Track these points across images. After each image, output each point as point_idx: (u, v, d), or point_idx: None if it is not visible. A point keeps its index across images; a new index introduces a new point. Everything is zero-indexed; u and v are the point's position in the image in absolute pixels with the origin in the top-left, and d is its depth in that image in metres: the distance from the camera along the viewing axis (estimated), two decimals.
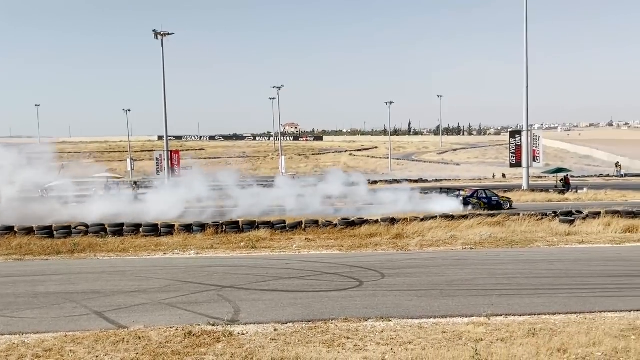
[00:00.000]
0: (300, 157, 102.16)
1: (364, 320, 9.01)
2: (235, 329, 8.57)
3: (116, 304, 10.30)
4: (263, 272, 13.44)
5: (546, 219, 20.63)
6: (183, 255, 16.64)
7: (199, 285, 11.81)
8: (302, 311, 9.58)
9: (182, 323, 8.78)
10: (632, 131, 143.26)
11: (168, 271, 13.67)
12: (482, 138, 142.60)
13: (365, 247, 17.39)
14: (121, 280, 12.62)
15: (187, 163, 68.98)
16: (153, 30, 46.18)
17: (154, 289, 11.61)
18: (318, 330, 8.44)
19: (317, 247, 17.55)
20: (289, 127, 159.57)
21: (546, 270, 13.13)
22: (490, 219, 20.51)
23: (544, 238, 18.30)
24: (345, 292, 11.08)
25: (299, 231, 19.81)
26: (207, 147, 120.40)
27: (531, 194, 37.79)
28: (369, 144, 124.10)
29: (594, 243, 17.62)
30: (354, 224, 20.22)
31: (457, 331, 8.30)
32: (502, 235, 18.55)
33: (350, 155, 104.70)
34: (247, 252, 16.94)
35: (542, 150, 43.90)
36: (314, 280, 12.35)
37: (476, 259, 14.98)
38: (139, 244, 18.04)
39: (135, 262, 15.46)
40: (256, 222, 20.17)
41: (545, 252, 16.23)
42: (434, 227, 19.54)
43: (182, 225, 19.77)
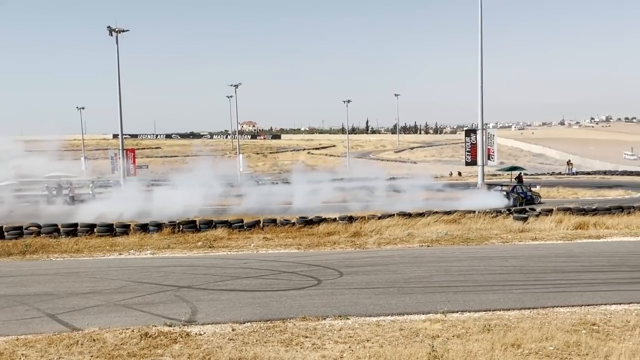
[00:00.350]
0: (258, 156, 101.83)
1: (322, 318, 9.02)
2: (192, 329, 8.47)
3: (70, 306, 10.07)
4: (220, 271, 13.34)
5: (500, 217, 21.06)
6: (139, 255, 16.39)
7: (155, 286, 11.65)
8: (260, 310, 9.54)
9: (138, 324, 8.63)
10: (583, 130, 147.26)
11: (123, 272, 13.44)
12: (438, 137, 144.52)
13: (324, 245, 17.43)
14: (75, 281, 12.35)
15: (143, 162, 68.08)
16: (107, 27, 45.30)
17: (109, 290, 11.40)
18: (276, 330, 8.42)
19: (275, 246, 17.51)
20: (247, 125, 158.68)
21: (500, 267, 13.39)
22: (446, 216, 20.82)
23: (498, 235, 18.66)
24: (303, 291, 11.08)
25: (257, 230, 19.74)
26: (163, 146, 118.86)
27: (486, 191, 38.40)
28: (327, 142, 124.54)
29: (546, 240, 18.04)
30: (312, 222, 20.26)
31: (414, 328, 8.39)
32: (458, 232, 18.85)
33: (308, 154, 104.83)
34: (204, 251, 16.79)
35: (496, 148, 44.63)
36: (272, 280, 12.31)
37: (433, 256, 15.19)
38: (93, 245, 17.70)
39: (89, 263, 15.16)
40: (213, 221, 20.03)
41: (499, 249, 16.55)
42: (391, 225, 19.73)
43: (138, 225, 19.50)
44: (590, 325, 8.41)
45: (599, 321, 8.62)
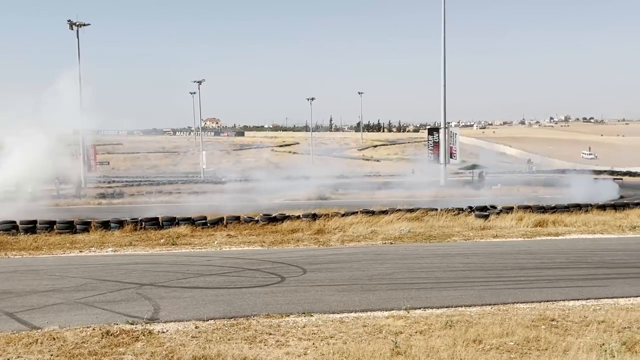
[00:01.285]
0: (221, 153, 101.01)
1: (286, 315, 9.04)
2: (155, 327, 8.39)
3: (29, 304, 9.87)
4: (183, 269, 13.23)
5: (462, 214, 21.33)
6: (100, 252, 16.13)
7: (116, 284, 11.49)
8: (223, 308, 9.50)
9: (100, 322, 8.51)
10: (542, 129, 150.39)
11: (84, 269, 13.22)
12: (401, 135, 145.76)
13: (287, 242, 17.43)
14: (34, 279, 12.09)
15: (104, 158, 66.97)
16: (68, 21, 44.62)
17: (70, 288, 11.20)
18: (240, 327, 8.40)
19: (239, 243, 17.43)
20: (210, 122, 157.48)
21: (462, 264, 13.59)
22: (409, 214, 21.00)
23: (460, 232, 18.92)
24: (267, 288, 11.07)
25: (221, 227, 19.60)
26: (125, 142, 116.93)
27: (448, 189, 38.97)
28: (290, 140, 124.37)
29: (507, 237, 18.37)
30: (275, 219, 20.21)
31: (377, 325, 8.46)
32: (420, 230, 19.04)
33: (272, 151, 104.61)
34: (167, 249, 16.62)
35: (458, 147, 45.36)
36: (236, 277, 12.27)
37: (396, 253, 15.32)
38: (53, 242, 17.33)
39: (49, 261, 14.85)
40: (176, 219, 19.79)
41: (461, 246, 16.78)
42: (354, 222, 19.80)
43: (99, 222, 19.16)
44: (549, 320, 8.60)
45: (558, 317, 8.82)
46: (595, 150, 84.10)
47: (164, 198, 36.53)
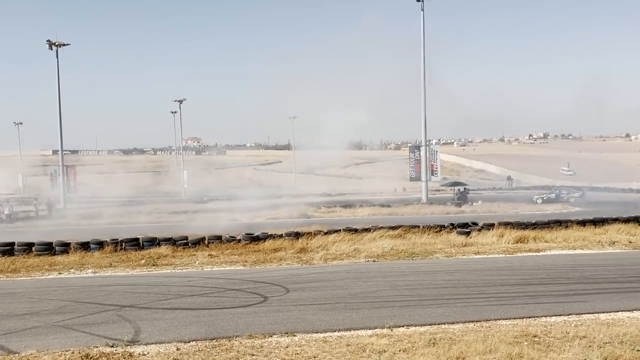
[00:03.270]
0: (203, 172, 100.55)
1: (269, 336, 8.95)
2: (135, 349, 8.27)
3: (6, 328, 9.68)
4: (164, 290, 13.07)
5: (444, 231, 21.42)
6: (79, 274, 15.91)
7: (96, 306, 11.32)
8: (205, 329, 9.39)
9: (79, 345, 8.37)
10: (522, 146, 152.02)
11: (63, 291, 13.02)
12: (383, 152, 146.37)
13: (270, 262, 17.33)
14: (11, 302, 11.88)
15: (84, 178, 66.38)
16: (47, 41, 44.44)
17: (48, 310, 11.01)
18: (222, 348, 8.30)
19: (221, 263, 17.30)
20: (192, 141, 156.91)
21: (445, 281, 13.60)
22: (391, 231, 21.02)
23: (442, 249, 18.96)
24: (249, 308, 10.98)
25: (202, 247, 19.46)
26: (105, 162, 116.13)
27: (430, 206, 39.19)
28: (273, 158, 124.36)
29: (488, 253, 18.44)
30: (258, 238, 20.11)
31: (360, 343, 8.41)
32: (403, 247, 19.05)
33: (254, 170, 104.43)
34: (147, 269, 16.44)
35: (439, 164, 45.74)
36: (218, 297, 12.16)
37: (379, 271, 15.29)
38: (31, 264, 17.07)
39: (27, 283, 14.62)
40: (157, 239, 19.63)
41: (444, 263, 16.81)
42: (337, 240, 19.78)
43: (79, 243, 18.93)
44: (531, 337, 8.62)
45: (540, 333, 8.84)
46: (574, 167, 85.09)
47: (145, 218, 36.28)
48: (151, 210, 41.66)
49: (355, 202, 42.57)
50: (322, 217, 35.44)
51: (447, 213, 35.59)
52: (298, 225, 25.50)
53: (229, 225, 30.69)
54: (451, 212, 35.98)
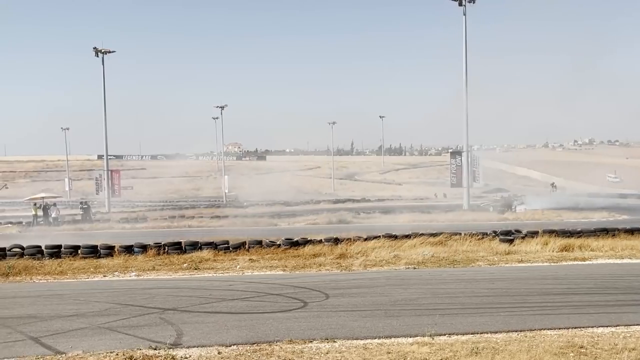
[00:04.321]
0: (243, 177, 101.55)
1: (309, 341, 8.95)
2: (177, 352, 8.36)
3: (53, 329, 9.91)
4: (206, 293, 13.21)
5: (487, 239, 21.09)
6: (123, 277, 16.22)
7: (140, 308, 11.51)
8: (246, 333, 9.44)
9: (123, 348, 8.51)
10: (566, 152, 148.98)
11: (108, 294, 13.28)
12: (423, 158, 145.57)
13: (309, 267, 17.37)
14: (59, 304, 12.17)
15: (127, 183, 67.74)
16: (94, 48, 45.60)
17: (93, 312, 11.24)
18: (263, 353, 8.34)
19: (261, 267, 17.41)
20: (232, 146, 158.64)
21: (487, 289, 13.39)
22: (432, 238, 20.82)
23: (484, 257, 18.69)
24: (289, 313, 11.00)
25: (243, 251, 19.62)
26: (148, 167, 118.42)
27: (472, 213, 38.69)
28: (312, 163, 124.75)
29: (532, 262, 18.10)
30: (297, 244, 20.17)
31: (401, 351, 8.33)
32: (444, 254, 18.84)
33: (293, 175, 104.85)
34: (189, 273, 16.66)
35: (481, 170, 45.13)
36: (258, 302, 12.22)
37: (419, 278, 15.16)
38: (77, 266, 17.49)
39: (73, 285, 14.97)
40: (199, 243, 19.87)
41: (486, 271, 16.56)
42: (377, 246, 19.67)
43: (123, 247, 19.31)
44: (578, 348, 8.41)
45: (587, 344, 8.62)
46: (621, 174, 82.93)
47: (187, 222, 36.78)
48: (193, 215, 42.21)
49: (395, 208, 42.36)
50: (361, 223, 35.37)
51: (489, 220, 35.05)
52: (337, 231, 25.49)
53: (268, 230, 30.91)
54: (493, 219, 35.42)
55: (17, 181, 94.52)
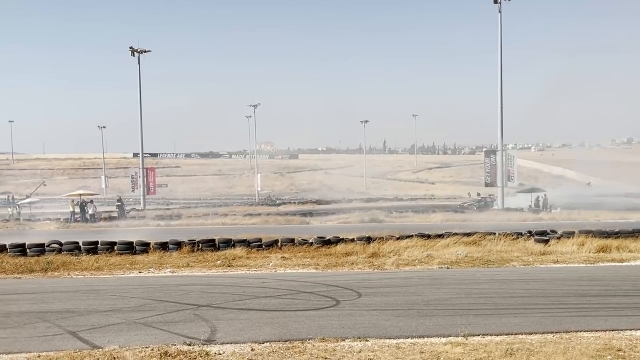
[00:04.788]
0: (275, 175, 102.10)
1: (341, 340, 8.95)
2: (211, 348, 8.45)
3: (90, 323, 10.11)
4: (239, 290, 13.32)
5: (521, 239, 20.81)
6: (158, 273, 16.45)
7: (174, 304, 11.66)
8: (279, 330, 9.49)
9: (158, 343, 8.64)
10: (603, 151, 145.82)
11: (143, 290, 13.49)
12: (456, 157, 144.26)
13: (342, 265, 17.37)
14: (95, 299, 12.41)
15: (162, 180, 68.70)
16: (130, 47, 46.27)
17: (129, 308, 11.44)
18: (295, 350, 8.37)
19: (293, 265, 17.48)
20: (265, 145, 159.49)
21: (522, 290, 13.22)
22: (466, 238, 20.63)
23: (519, 257, 18.45)
24: (322, 312, 11.02)
25: (275, 249, 19.72)
26: (182, 165, 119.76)
27: (506, 213, 38.24)
28: (344, 162, 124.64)
29: (568, 262, 17.81)
30: (329, 242, 20.18)
31: (435, 351, 8.29)
32: (478, 254, 18.66)
33: (325, 174, 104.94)
34: (223, 270, 16.82)
35: (516, 169, 44.52)
36: (291, 299, 12.27)
37: (453, 278, 15.04)
38: (113, 262, 17.80)
39: (109, 281, 15.24)
40: (232, 240, 20.04)
41: (520, 271, 16.35)
42: (410, 246, 19.58)
43: (158, 243, 19.59)
44: (615, 351, 8.25)
45: (625, 347, 8.45)
46: None
47: (220, 220, 37.14)
48: (226, 212, 42.59)
49: (428, 207, 42.10)
50: (393, 222, 35.26)
51: (524, 220, 34.62)
52: (369, 229, 25.45)
53: (301, 228, 31.02)
54: (528, 219, 34.96)
55: (55, 178, 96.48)
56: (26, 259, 17.92)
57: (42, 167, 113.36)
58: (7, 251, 18.61)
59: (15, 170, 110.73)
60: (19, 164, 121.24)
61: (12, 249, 18.70)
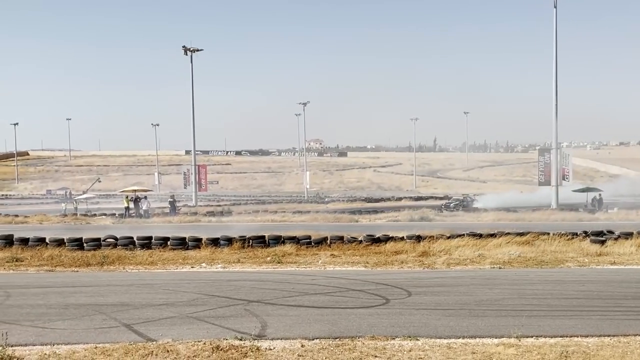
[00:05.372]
0: (324, 173, 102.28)
1: (391, 338, 8.90)
2: (262, 344, 8.53)
3: (145, 316, 10.35)
4: (289, 287, 13.42)
5: (576, 239, 20.29)
6: (210, 269, 16.72)
7: (225, 299, 11.83)
8: (328, 328, 9.51)
9: (210, 337, 8.77)
10: None
11: (195, 284, 13.73)
12: (509, 155, 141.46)
13: (391, 264, 17.28)
14: (149, 293, 12.70)
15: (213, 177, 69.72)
16: (183, 47, 47.08)
17: (182, 302, 11.65)
18: (345, 348, 8.36)
19: (342, 263, 17.49)
20: (314, 143, 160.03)
21: (577, 292, 12.90)
22: (519, 237, 20.25)
23: (574, 258, 18.00)
24: (371, 310, 10.99)
25: (324, 247, 19.77)
26: (233, 162, 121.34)
27: (560, 212, 37.34)
28: (393, 160, 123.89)
29: (626, 264, 17.26)
30: (379, 240, 20.11)
31: (487, 352, 8.16)
32: (531, 254, 18.28)
33: (374, 172, 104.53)
34: (272, 266, 16.96)
35: (571, 168, 43.41)
36: (340, 297, 12.28)
37: (505, 278, 14.78)
38: (166, 257, 18.18)
39: (162, 275, 15.57)
40: (282, 237, 20.18)
41: (576, 272, 15.94)
42: (461, 245, 19.33)
43: (209, 239, 19.89)
44: None
45: None
46: None
47: (270, 217, 37.43)
48: (275, 209, 42.91)
49: (479, 206, 41.47)
50: (444, 220, 34.86)
51: (579, 220, 33.72)
52: (419, 228, 25.25)
53: (349, 226, 31.01)
54: (584, 219, 34.04)
55: (110, 175, 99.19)
56: (83, 253, 18.49)
57: (97, 163, 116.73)
58: (66, 245, 19.23)
59: (72, 167, 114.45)
60: (76, 160, 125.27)
61: (70, 243, 19.31)
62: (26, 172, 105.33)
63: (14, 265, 17.24)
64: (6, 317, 10.31)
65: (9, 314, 10.60)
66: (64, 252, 18.54)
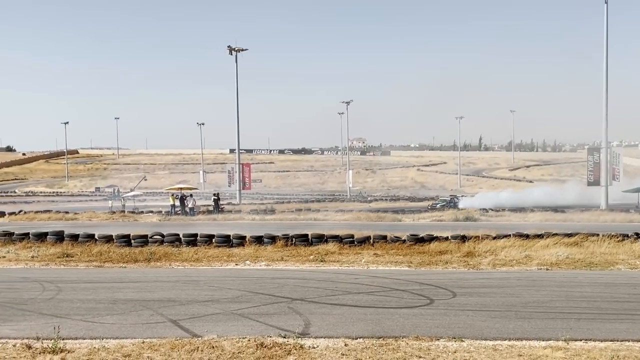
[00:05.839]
0: (367, 172, 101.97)
1: (436, 339, 8.82)
2: (305, 342, 8.56)
3: (190, 312, 10.51)
4: (332, 286, 13.43)
5: (627, 241, 19.70)
6: (254, 266, 16.86)
7: (269, 297, 11.91)
8: (372, 327, 9.48)
9: (254, 334, 8.85)
10: None
11: (240, 282, 13.87)
12: (556, 155, 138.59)
13: (435, 264, 17.10)
14: (195, 289, 12.88)
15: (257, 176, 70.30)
16: (228, 46, 47.56)
17: (226, 299, 11.79)
18: (389, 347, 8.32)
19: (386, 262, 17.39)
20: (357, 141, 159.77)
21: (629, 295, 12.53)
22: (567, 239, 19.79)
23: (625, 260, 17.49)
24: (415, 310, 10.91)
25: (367, 246, 19.70)
26: (276, 161, 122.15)
27: (610, 213, 36.33)
28: (437, 159, 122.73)
29: None
30: (422, 240, 19.93)
31: (533, 355, 8.00)
32: (579, 256, 17.84)
33: (418, 171, 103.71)
34: (316, 265, 16.98)
35: (622, 168, 42.19)
36: (383, 296, 12.23)
37: (552, 280, 14.46)
38: (211, 254, 18.41)
39: (208, 272, 15.77)
40: (325, 236, 20.19)
41: (627, 275, 15.51)
42: (507, 245, 19.00)
43: (253, 237, 20.07)
44: None
45: None
46: None
47: (312, 215, 37.51)
48: (318, 208, 43.00)
49: (526, 206, 40.70)
50: (489, 220, 34.32)
51: (630, 221, 32.76)
52: (464, 228, 24.93)
53: (393, 225, 30.85)
54: (635, 221, 33.06)
55: (156, 173, 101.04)
56: (131, 250, 18.87)
57: (144, 162, 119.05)
58: (114, 242, 19.66)
59: (120, 165, 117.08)
60: (124, 158, 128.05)
61: (118, 239, 19.74)
62: (76, 170, 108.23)
63: (65, 260, 17.73)
64: (58, 311, 10.63)
65: (61, 308, 10.92)
66: (112, 249, 18.96)
